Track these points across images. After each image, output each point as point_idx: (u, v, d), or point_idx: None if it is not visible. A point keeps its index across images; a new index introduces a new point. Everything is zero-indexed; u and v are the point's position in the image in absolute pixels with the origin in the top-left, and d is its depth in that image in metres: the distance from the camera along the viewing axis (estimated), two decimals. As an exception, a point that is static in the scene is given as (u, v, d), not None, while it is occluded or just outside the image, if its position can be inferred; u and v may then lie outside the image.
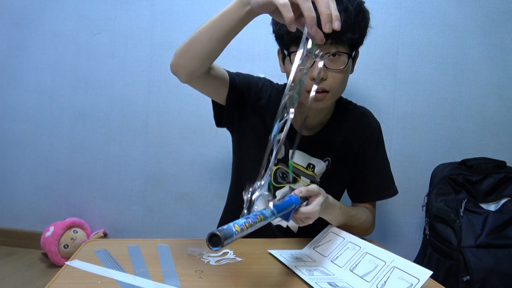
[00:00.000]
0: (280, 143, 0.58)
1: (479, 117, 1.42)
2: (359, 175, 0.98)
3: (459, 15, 1.40)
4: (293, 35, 0.70)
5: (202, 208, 1.57)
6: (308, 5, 0.56)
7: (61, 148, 1.65)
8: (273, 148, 0.58)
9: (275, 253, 0.76)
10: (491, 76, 1.40)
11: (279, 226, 0.96)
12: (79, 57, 1.61)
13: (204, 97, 0.93)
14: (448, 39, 1.41)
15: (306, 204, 0.71)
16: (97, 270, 0.65)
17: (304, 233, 0.93)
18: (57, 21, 1.61)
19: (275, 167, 0.94)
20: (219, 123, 0.97)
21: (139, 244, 0.77)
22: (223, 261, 0.72)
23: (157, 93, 1.57)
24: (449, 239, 1.22)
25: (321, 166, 0.94)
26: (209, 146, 1.55)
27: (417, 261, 1.36)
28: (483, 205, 1.25)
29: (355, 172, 0.98)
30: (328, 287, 0.61)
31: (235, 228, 0.48)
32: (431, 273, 0.57)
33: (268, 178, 0.57)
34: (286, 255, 0.75)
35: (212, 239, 0.46)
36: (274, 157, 0.58)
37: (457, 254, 1.18)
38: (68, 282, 0.60)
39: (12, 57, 1.65)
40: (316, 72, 0.76)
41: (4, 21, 1.64)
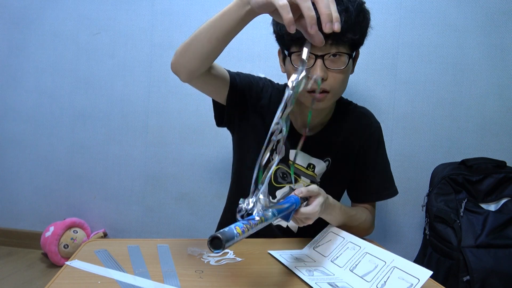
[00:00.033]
0: (265, 176, 0.56)
1: (479, 117, 1.41)
2: (360, 176, 0.97)
3: (459, 15, 1.40)
4: (293, 35, 0.70)
5: (202, 208, 1.57)
6: (308, 4, 0.56)
7: (61, 148, 1.65)
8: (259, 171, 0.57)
9: (275, 253, 0.76)
10: (491, 76, 1.40)
11: (279, 226, 0.96)
12: (79, 57, 1.61)
13: (204, 97, 0.93)
14: (448, 39, 1.41)
15: (306, 205, 0.71)
16: (97, 270, 0.65)
17: (304, 233, 0.93)
18: (57, 21, 1.61)
19: (275, 167, 0.94)
20: (219, 123, 0.97)
21: (139, 244, 0.77)
22: (223, 261, 0.72)
23: (157, 93, 1.57)
24: (449, 239, 1.22)
25: (321, 166, 0.94)
26: (209, 146, 1.55)
27: (417, 261, 1.36)
28: (483, 205, 1.25)
29: (355, 172, 0.98)
30: (328, 287, 0.62)
31: (236, 230, 0.48)
32: (431, 273, 0.57)
33: (259, 193, 0.56)
34: (286, 256, 0.75)
35: (213, 242, 0.46)
36: (265, 181, 0.56)
37: (457, 254, 1.18)
38: (68, 282, 0.60)
39: (12, 57, 1.65)
40: (316, 78, 0.76)
41: (4, 21, 1.64)
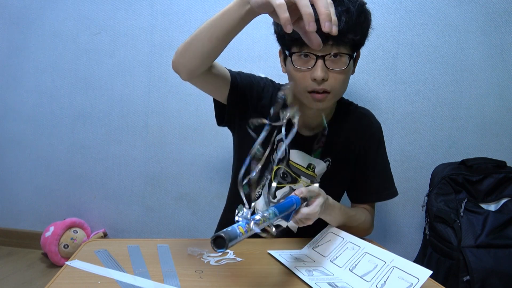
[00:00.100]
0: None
1: (479, 117, 1.41)
2: (360, 176, 0.97)
3: (459, 15, 1.40)
4: (294, 36, 0.70)
5: (202, 208, 1.57)
6: (306, 2, 0.56)
7: (61, 148, 1.65)
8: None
9: (275, 253, 0.76)
10: (491, 76, 1.40)
11: (278, 226, 0.96)
12: (79, 57, 1.61)
13: (204, 97, 0.93)
14: (448, 39, 1.41)
15: (306, 205, 0.71)
16: (97, 270, 0.65)
17: (304, 233, 0.93)
18: (57, 21, 1.61)
19: (275, 167, 0.94)
20: (220, 122, 0.97)
21: (139, 244, 0.77)
22: (223, 261, 0.72)
23: (157, 93, 1.57)
24: (449, 239, 1.22)
25: (321, 167, 0.94)
26: (209, 146, 1.55)
27: (417, 261, 1.36)
28: (483, 205, 1.25)
29: (355, 172, 0.98)
30: (328, 287, 0.62)
31: (239, 229, 0.48)
32: (430, 272, 0.57)
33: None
34: (286, 255, 0.75)
35: (216, 241, 0.46)
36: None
37: (457, 254, 1.18)
38: (68, 282, 0.60)
39: (12, 57, 1.65)
40: (318, 74, 0.76)
41: (4, 21, 1.64)
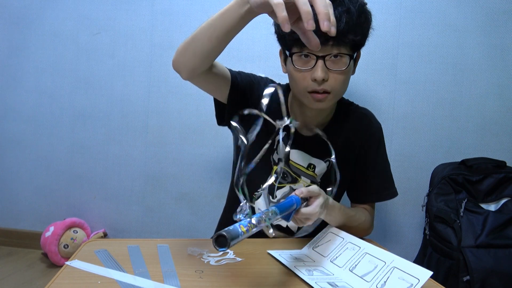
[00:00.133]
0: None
1: (479, 117, 1.41)
2: (360, 176, 0.97)
3: (459, 15, 1.40)
4: (295, 36, 0.70)
5: (202, 208, 1.57)
6: (304, 0, 0.56)
7: (61, 148, 1.65)
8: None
9: (274, 253, 0.76)
10: (491, 76, 1.40)
11: (278, 226, 0.96)
12: (79, 57, 1.61)
13: (204, 97, 0.93)
14: (448, 39, 1.41)
15: (306, 205, 0.71)
16: (97, 270, 0.65)
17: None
18: (57, 21, 1.61)
19: (275, 167, 0.94)
20: (220, 122, 0.97)
21: (139, 244, 0.77)
22: (223, 261, 0.72)
23: (157, 93, 1.57)
24: (449, 239, 1.22)
25: (321, 167, 0.94)
26: (209, 146, 1.55)
27: (417, 261, 1.36)
28: (483, 205, 1.25)
29: (355, 172, 0.98)
30: (328, 287, 0.61)
31: (241, 229, 0.48)
32: (431, 273, 0.57)
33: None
34: (285, 255, 0.75)
35: (218, 240, 0.46)
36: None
37: (457, 254, 1.18)
38: (68, 282, 0.60)
39: (12, 57, 1.65)
40: (319, 75, 0.76)
41: (4, 21, 1.64)
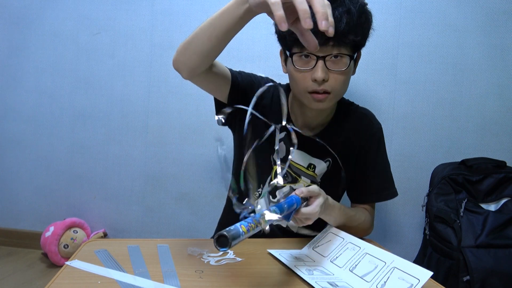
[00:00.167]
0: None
1: (479, 117, 1.41)
2: (360, 176, 0.97)
3: (459, 15, 1.40)
4: (295, 36, 0.70)
5: (202, 208, 1.57)
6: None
7: (61, 148, 1.65)
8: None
9: (275, 252, 0.76)
10: (491, 76, 1.40)
11: (279, 226, 0.96)
12: (79, 57, 1.61)
13: (204, 97, 0.93)
14: (448, 39, 1.41)
15: (306, 205, 0.71)
16: (97, 270, 0.65)
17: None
18: (57, 21, 1.61)
19: (275, 167, 0.94)
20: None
21: (139, 244, 0.77)
22: (223, 261, 0.72)
23: (157, 93, 1.57)
24: (449, 239, 1.22)
25: (322, 167, 0.94)
26: (209, 146, 1.55)
27: (417, 261, 1.36)
28: (483, 205, 1.25)
29: (355, 172, 0.98)
30: (328, 287, 0.61)
31: (242, 228, 0.48)
32: (431, 273, 0.57)
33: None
34: (286, 255, 0.75)
35: (219, 240, 0.46)
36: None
37: (457, 254, 1.18)
38: (68, 282, 0.60)
39: (12, 57, 1.65)
40: (319, 75, 0.76)
41: (4, 21, 1.64)
